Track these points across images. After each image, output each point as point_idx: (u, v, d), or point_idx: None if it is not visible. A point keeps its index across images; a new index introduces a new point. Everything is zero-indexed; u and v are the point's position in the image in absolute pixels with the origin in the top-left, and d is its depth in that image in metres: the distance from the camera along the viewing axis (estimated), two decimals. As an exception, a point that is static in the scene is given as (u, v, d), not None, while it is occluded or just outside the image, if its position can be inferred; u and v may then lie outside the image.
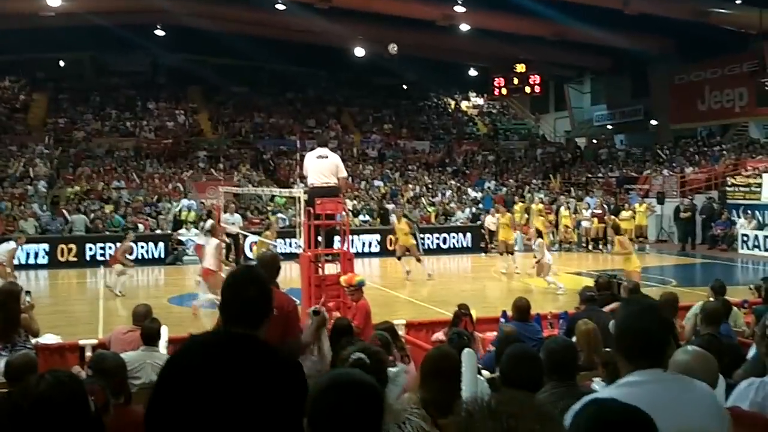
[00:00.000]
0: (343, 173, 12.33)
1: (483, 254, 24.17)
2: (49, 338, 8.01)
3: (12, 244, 13.71)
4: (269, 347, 3.08)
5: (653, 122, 35.86)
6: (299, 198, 12.35)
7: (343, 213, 12.11)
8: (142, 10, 30.21)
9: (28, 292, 7.71)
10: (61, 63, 36.86)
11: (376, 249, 24.03)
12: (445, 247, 25.41)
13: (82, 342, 7.99)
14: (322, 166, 11.91)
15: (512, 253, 20.02)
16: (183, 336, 5.73)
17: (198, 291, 14.51)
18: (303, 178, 13.07)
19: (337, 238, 12.53)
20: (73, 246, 21.58)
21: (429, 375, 3.38)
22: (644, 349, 2.55)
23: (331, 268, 11.60)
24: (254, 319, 3.05)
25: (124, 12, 30.22)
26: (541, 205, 26.28)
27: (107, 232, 22.47)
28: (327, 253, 11.67)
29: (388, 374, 3.14)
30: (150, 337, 6.47)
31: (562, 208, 26.85)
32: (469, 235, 25.75)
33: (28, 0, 26.26)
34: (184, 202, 25.29)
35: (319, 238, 11.75)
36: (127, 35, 31.17)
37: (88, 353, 7.47)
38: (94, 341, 7.95)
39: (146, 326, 6.58)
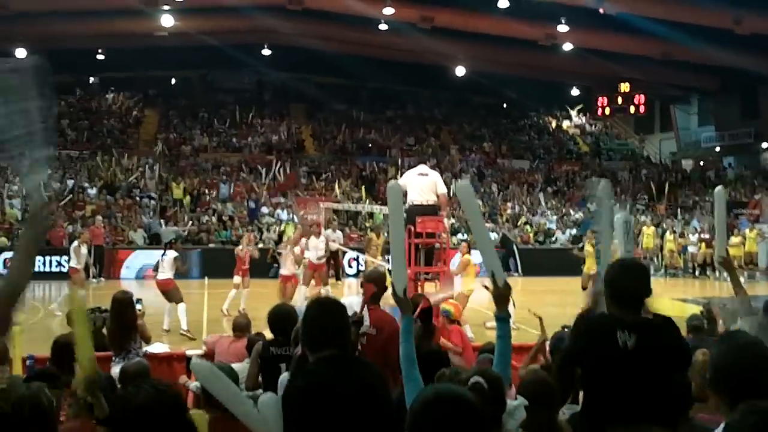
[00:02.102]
0: (443, 189, 12.35)
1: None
2: (158, 347, 8.27)
3: (173, 253, 13.72)
4: (370, 363, 3.24)
5: (764, 145, 34.56)
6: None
7: (443, 233, 12.11)
8: (251, 30, 31.09)
9: (139, 300, 7.98)
10: (173, 80, 38.29)
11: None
12: (544, 268, 25.03)
13: (189, 352, 8.21)
14: (422, 183, 11.97)
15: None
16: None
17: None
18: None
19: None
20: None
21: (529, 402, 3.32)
22: (751, 388, 2.38)
23: (430, 287, 11.63)
24: (346, 342, 3.28)
25: (233, 32, 31.19)
26: (652, 228, 25.70)
27: (212, 245, 23.17)
28: (426, 271, 11.70)
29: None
30: None
31: (668, 232, 26.17)
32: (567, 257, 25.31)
33: (144, 20, 27.40)
34: (283, 215, 25.83)
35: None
36: (235, 54, 32.19)
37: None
38: (200, 351, 8.13)
39: (252, 338, 6.73)
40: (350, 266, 23.29)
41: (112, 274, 21.78)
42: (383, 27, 28.08)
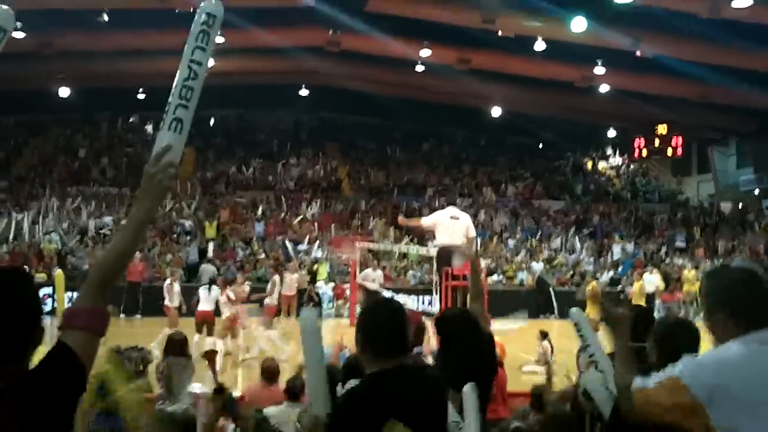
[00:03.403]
0: (473, 234, 12.45)
1: None
2: (196, 387, 8.27)
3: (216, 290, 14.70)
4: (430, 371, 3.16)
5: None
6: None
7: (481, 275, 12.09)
8: (289, 71, 31.51)
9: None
10: (211, 120, 38.80)
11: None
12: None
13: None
14: (454, 226, 12.08)
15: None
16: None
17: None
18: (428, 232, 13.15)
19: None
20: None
21: None
22: (761, 312, 2.52)
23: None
24: (406, 347, 3.09)
25: (271, 72, 31.64)
26: (693, 272, 25.40)
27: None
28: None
29: None
30: (294, 395, 6.62)
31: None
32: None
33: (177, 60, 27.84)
34: (317, 254, 25.90)
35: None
36: (273, 94, 32.63)
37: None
38: (237, 394, 8.15)
39: (292, 382, 6.72)
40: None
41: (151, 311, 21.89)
42: (420, 68, 28.30)
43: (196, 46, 2.54)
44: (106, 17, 22.66)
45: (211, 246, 25.48)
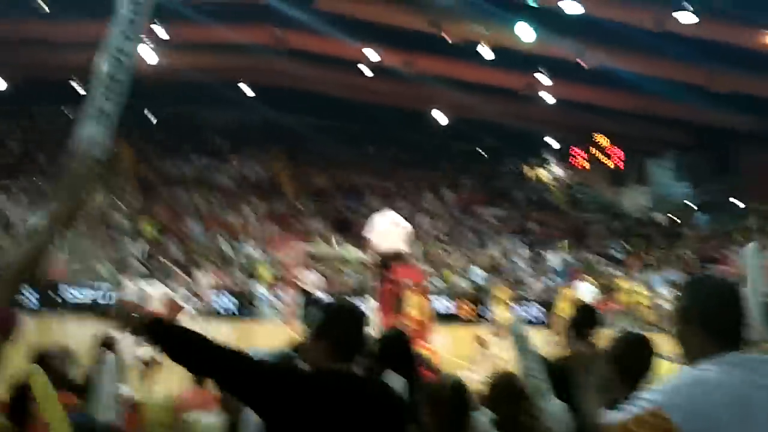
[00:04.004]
0: (411, 238, 12.45)
1: None
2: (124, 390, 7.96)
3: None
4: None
5: (737, 202, 34.93)
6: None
7: (423, 281, 12.03)
8: (234, 68, 31.09)
9: None
10: (151, 116, 37.95)
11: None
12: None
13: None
14: (393, 232, 11.99)
15: None
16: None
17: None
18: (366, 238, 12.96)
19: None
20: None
21: None
22: (735, 331, 2.43)
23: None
24: (357, 353, 2.95)
25: (215, 69, 31.13)
26: (629, 283, 25.83)
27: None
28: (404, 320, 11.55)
29: None
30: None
31: (639, 287, 26.20)
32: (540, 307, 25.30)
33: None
34: (256, 254, 25.59)
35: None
36: (217, 91, 32.07)
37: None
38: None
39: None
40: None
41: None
42: (367, 70, 28.20)
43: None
44: (44, 6, 21.99)
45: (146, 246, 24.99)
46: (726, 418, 2.29)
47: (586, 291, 23.73)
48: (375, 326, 11.81)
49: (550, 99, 29.63)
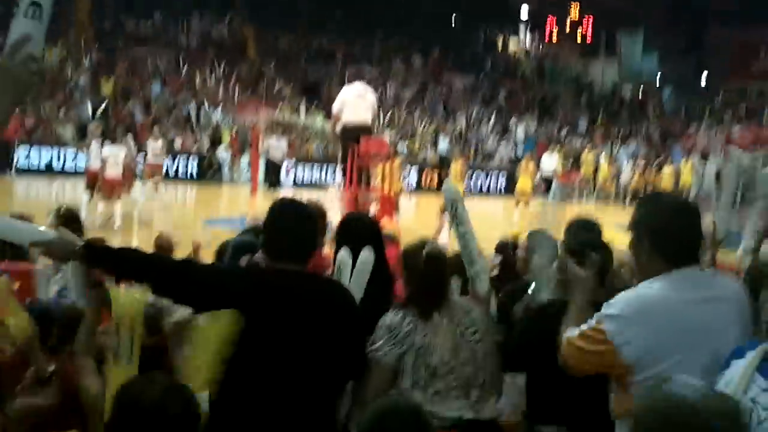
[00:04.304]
0: (376, 109, 12.42)
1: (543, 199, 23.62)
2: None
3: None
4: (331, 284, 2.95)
5: (704, 78, 34.95)
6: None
7: (388, 153, 11.98)
8: None
9: None
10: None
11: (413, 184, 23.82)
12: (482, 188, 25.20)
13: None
14: (359, 104, 11.89)
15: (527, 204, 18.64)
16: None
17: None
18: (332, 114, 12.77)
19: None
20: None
21: None
22: (686, 248, 2.45)
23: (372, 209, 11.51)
24: (307, 255, 2.86)
25: None
26: (592, 155, 26.15)
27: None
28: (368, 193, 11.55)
29: None
30: None
31: (602, 159, 26.43)
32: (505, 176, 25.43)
33: None
34: (218, 115, 25.19)
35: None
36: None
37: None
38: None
39: None
40: (287, 175, 22.94)
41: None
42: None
43: None
44: None
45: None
46: (665, 335, 2.32)
47: (549, 162, 23.95)
48: (340, 199, 11.83)
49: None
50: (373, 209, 11.31)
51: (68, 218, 7.16)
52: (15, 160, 20.55)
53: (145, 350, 3.67)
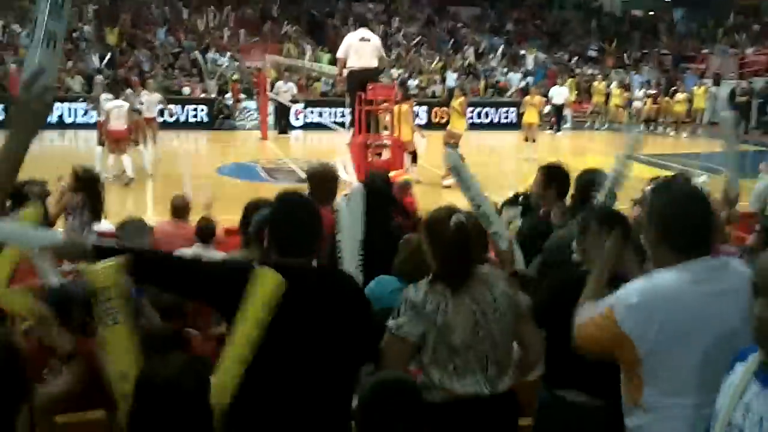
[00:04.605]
0: (383, 54, 12.31)
1: (552, 131, 23.53)
2: (104, 226, 7.78)
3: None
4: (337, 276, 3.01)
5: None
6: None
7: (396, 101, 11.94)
8: None
9: None
10: None
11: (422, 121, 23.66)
12: (493, 122, 25.03)
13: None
14: (364, 48, 11.88)
15: (534, 140, 17.95)
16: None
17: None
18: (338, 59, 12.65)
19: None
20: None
21: None
22: (697, 238, 2.45)
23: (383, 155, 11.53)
24: (310, 248, 2.91)
25: None
26: (603, 83, 25.91)
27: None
28: (377, 140, 11.55)
29: None
30: (208, 235, 6.33)
31: (614, 86, 26.14)
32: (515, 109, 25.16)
33: None
34: (224, 60, 25.01)
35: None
36: None
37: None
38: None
39: (204, 224, 6.44)
40: (297, 118, 22.89)
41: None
42: None
43: None
44: None
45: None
46: (679, 328, 2.36)
47: (558, 94, 23.75)
48: (350, 145, 11.85)
49: None
50: (384, 155, 11.35)
51: (87, 180, 7.28)
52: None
53: (168, 335, 3.81)
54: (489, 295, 3.06)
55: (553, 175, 4.76)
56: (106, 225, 7.68)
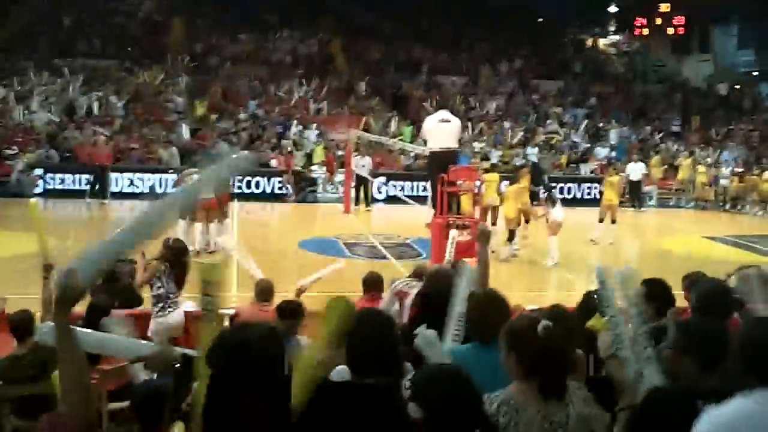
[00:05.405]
0: (462, 136, 12.49)
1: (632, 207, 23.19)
2: (188, 306, 7.83)
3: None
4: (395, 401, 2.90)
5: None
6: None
7: (477, 183, 12.06)
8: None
9: None
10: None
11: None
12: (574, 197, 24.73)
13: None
14: (444, 130, 12.10)
15: (614, 222, 16.91)
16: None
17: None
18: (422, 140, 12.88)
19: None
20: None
21: None
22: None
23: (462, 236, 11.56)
24: (386, 367, 2.90)
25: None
26: (690, 159, 25.56)
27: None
28: (458, 221, 11.62)
29: None
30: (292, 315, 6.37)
31: (700, 163, 25.76)
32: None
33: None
34: (311, 135, 25.59)
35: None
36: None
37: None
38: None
39: (285, 305, 6.47)
40: (379, 192, 23.16)
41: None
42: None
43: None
44: None
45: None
46: None
47: (635, 170, 23.46)
48: (431, 226, 11.97)
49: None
50: (465, 237, 11.39)
51: (176, 250, 7.56)
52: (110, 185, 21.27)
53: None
54: (563, 414, 2.93)
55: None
56: (189, 305, 7.87)
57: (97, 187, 20.64)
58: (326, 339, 2.79)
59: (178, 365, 2.85)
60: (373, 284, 7.18)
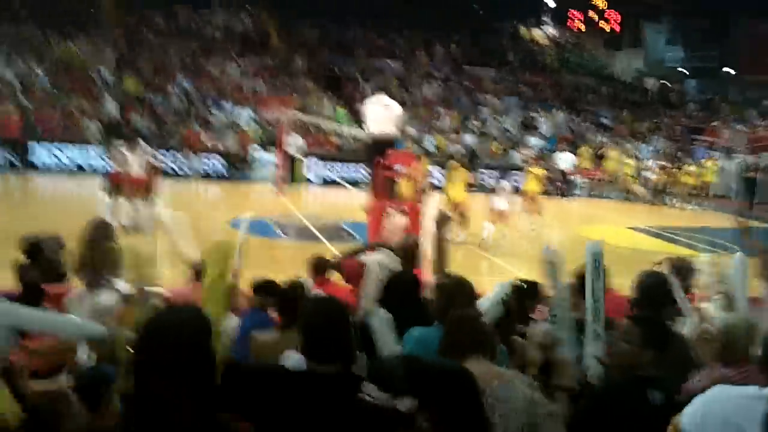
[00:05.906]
0: (402, 121, 12.46)
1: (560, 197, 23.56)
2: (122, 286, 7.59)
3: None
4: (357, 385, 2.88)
5: (727, 70, 34.60)
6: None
7: (417, 170, 12.00)
8: None
9: None
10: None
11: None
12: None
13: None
14: (384, 114, 11.96)
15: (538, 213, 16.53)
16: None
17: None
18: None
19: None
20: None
21: None
22: None
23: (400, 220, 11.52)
24: (341, 354, 2.84)
25: None
26: (617, 151, 26.00)
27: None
28: (396, 205, 11.57)
29: None
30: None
31: (626, 156, 26.33)
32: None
33: None
34: (244, 113, 25.21)
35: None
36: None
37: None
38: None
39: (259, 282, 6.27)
40: (310, 171, 22.96)
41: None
42: None
43: None
44: None
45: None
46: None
47: (564, 159, 23.90)
48: (368, 210, 11.91)
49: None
50: (403, 222, 11.34)
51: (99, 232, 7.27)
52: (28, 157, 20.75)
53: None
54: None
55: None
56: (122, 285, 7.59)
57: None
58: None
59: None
60: (320, 268, 7.09)
